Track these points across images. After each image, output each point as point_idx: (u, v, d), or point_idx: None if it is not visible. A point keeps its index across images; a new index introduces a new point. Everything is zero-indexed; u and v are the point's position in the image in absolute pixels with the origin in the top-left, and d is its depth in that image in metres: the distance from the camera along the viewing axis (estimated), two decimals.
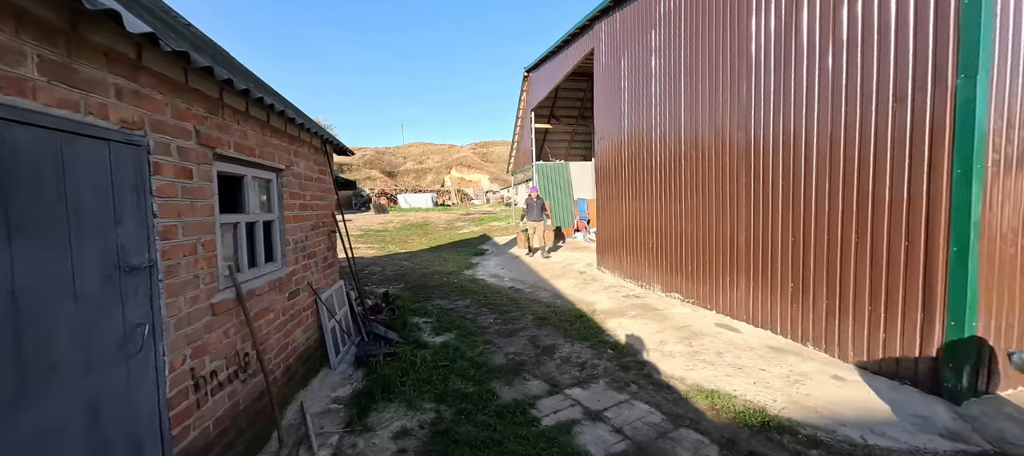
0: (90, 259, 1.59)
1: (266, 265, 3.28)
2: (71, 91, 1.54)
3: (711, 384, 3.67)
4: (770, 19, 4.50)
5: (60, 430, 1.47)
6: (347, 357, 4.48)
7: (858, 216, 3.68)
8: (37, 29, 1.42)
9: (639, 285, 7.45)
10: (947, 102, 3.02)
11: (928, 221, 3.17)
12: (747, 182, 4.91)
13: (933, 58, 3.10)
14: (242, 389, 2.71)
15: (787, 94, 4.32)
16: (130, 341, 1.78)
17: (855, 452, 2.66)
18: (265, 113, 3.11)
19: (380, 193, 36.14)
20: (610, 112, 8.31)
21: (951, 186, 3.02)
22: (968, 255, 2.96)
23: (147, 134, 1.91)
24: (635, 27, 7.21)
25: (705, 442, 2.85)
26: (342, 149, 5.19)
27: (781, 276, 4.52)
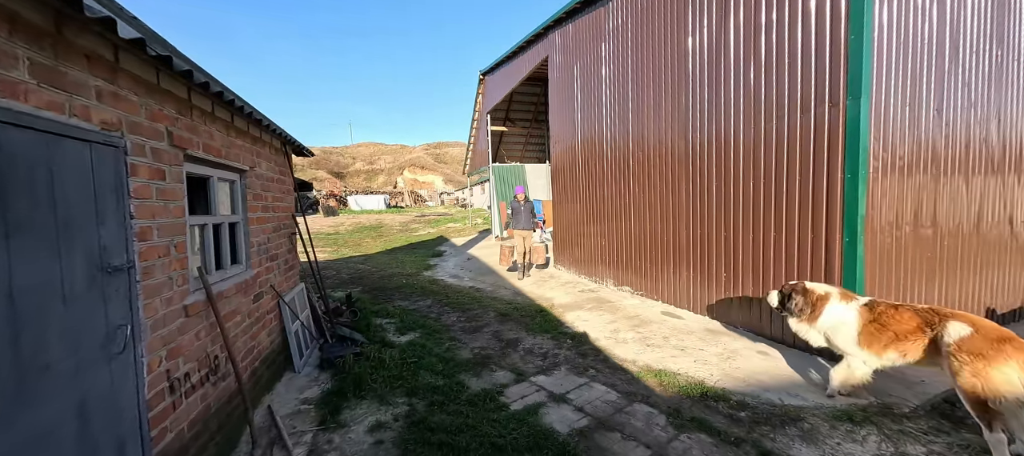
0: (77, 260, 1.60)
1: (232, 267, 3.24)
2: (58, 93, 1.56)
3: (659, 364, 4.11)
4: (703, 38, 5.09)
5: (53, 431, 1.48)
6: (311, 360, 4.44)
7: (776, 213, 4.30)
8: (28, 32, 1.43)
9: (593, 280, 7.93)
10: (840, 117, 3.66)
11: (827, 217, 3.81)
12: (687, 184, 5.49)
13: (829, 81, 3.74)
14: (213, 392, 2.69)
15: (718, 105, 4.92)
16: (113, 342, 1.79)
17: (774, 411, 3.17)
18: (230, 113, 3.08)
19: (329, 195, 34.61)
20: (564, 117, 8.76)
21: (843, 187, 3.67)
22: (856, 245, 3.61)
23: (124, 135, 1.92)
24: (587, 38, 7.70)
25: (655, 413, 3.23)
26: (301, 150, 5.11)
27: (716, 268, 5.11)
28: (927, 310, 2.85)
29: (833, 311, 3.21)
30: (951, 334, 2.57)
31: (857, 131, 3.54)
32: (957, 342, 2.51)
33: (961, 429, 2.88)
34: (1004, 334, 2.46)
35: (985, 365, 2.35)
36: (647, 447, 2.81)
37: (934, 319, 2.75)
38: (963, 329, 2.54)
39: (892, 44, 3.71)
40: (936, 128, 4.05)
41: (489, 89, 15.65)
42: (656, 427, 3.04)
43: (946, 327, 2.62)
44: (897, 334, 2.89)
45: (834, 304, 3.21)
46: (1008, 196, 4.67)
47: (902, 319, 2.88)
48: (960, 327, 2.56)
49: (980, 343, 2.43)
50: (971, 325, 2.55)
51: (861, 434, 2.84)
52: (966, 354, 2.44)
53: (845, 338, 3.14)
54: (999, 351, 2.35)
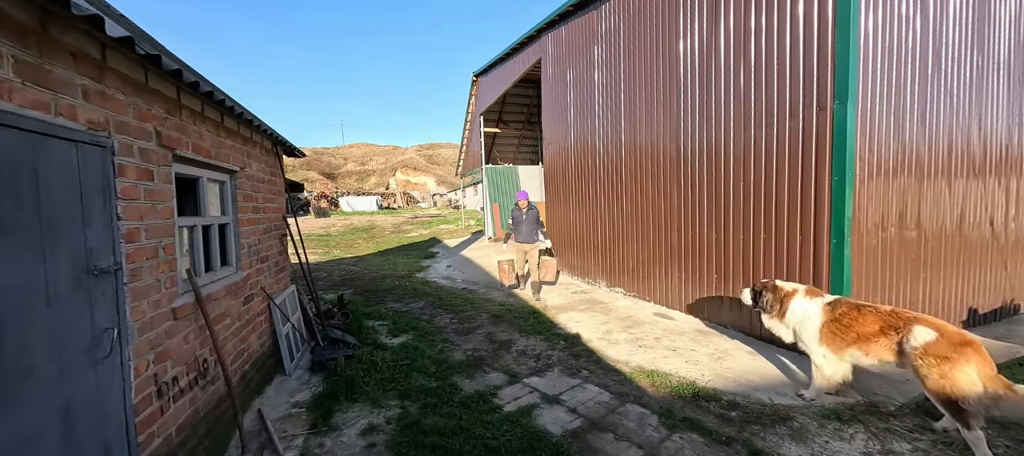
0: (62, 262, 1.57)
1: (222, 269, 3.19)
2: (43, 92, 1.52)
3: (651, 365, 4.13)
4: (694, 42, 5.15)
5: (36, 437, 1.45)
6: (302, 363, 4.40)
7: (766, 215, 4.36)
8: (12, 29, 1.40)
9: (586, 282, 7.96)
10: (827, 122, 3.73)
11: (816, 219, 3.88)
12: (678, 186, 5.54)
13: (817, 86, 3.80)
14: (202, 396, 2.65)
15: (709, 108, 4.98)
16: (98, 346, 1.75)
17: (764, 410, 3.21)
18: (219, 113, 3.04)
19: (320, 196, 34.30)
20: (557, 120, 8.79)
21: (831, 190, 3.73)
22: (844, 246, 3.68)
23: (111, 135, 1.88)
24: (580, 41, 7.74)
25: (647, 413, 3.25)
26: (292, 150, 5.06)
27: (707, 269, 5.17)
28: (890, 313, 2.93)
29: (798, 306, 3.35)
30: (917, 338, 2.64)
31: (844, 135, 3.60)
32: (923, 346, 2.60)
33: None
34: (966, 338, 2.58)
35: (951, 368, 2.47)
36: (640, 447, 2.82)
37: (897, 323, 2.83)
38: (929, 334, 2.62)
39: (877, 51, 3.79)
40: (920, 133, 4.15)
41: (482, 91, 15.66)
42: (648, 427, 3.05)
43: (912, 331, 2.69)
44: (860, 335, 2.97)
45: (799, 300, 3.35)
46: (989, 199, 4.79)
47: (865, 320, 2.96)
48: (925, 332, 2.64)
49: (945, 347, 2.54)
50: (936, 330, 2.63)
51: (849, 432, 2.89)
52: (932, 358, 2.54)
53: (808, 333, 3.25)
54: (962, 354, 2.48)
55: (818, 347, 3.21)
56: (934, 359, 2.53)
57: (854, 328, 2.99)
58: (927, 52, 4.13)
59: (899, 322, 2.82)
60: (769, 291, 3.52)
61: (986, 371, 2.44)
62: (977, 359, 2.46)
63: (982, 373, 2.43)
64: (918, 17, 4.04)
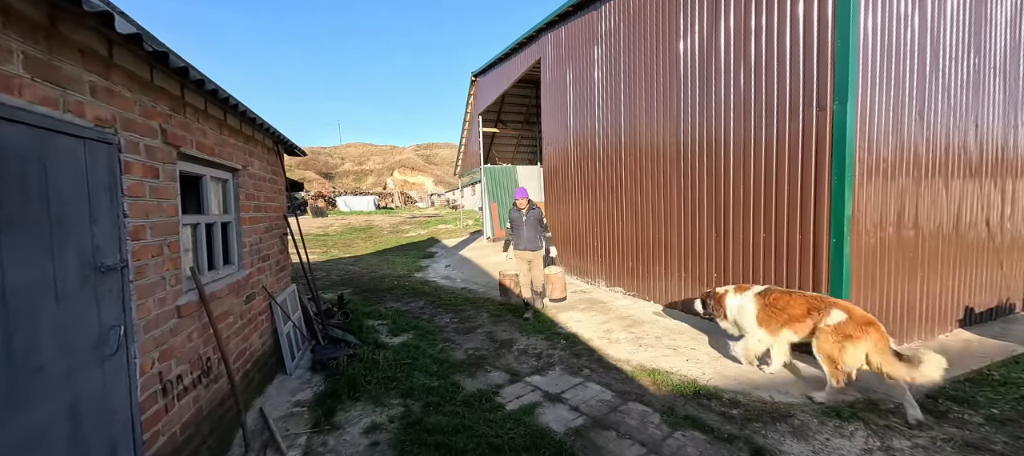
0: (70, 259, 1.57)
1: (224, 268, 3.19)
2: (52, 88, 1.52)
3: (652, 364, 4.15)
4: (694, 42, 5.18)
5: (45, 434, 1.45)
6: (303, 362, 4.39)
7: (765, 214, 4.39)
8: (22, 25, 1.40)
9: (586, 281, 7.98)
10: (827, 121, 3.76)
11: (815, 218, 3.91)
12: (678, 186, 5.57)
13: (817, 85, 3.84)
14: (205, 394, 2.65)
15: (709, 108, 5.01)
16: (105, 343, 1.75)
17: (765, 408, 3.23)
18: (222, 111, 3.04)
19: (317, 195, 34.18)
20: (557, 120, 8.81)
21: (831, 189, 3.76)
22: (843, 245, 3.71)
23: (118, 132, 1.88)
24: (579, 41, 7.76)
25: (649, 411, 3.27)
26: (293, 149, 5.05)
27: (707, 268, 5.19)
28: (814, 297, 3.43)
29: (732, 302, 3.87)
30: (832, 318, 3.16)
31: (843, 135, 3.63)
32: (835, 325, 3.12)
33: (943, 423, 2.98)
34: (870, 319, 3.09)
35: (847, 342, 3.05)
36: (642, 445, 2.84)
37: (820, 305, 3.31)
38: (841, 315, 3.15)
39: (877, 50, 3.83)
40: (918, 132, 4.19)
41: (481, 91, 15.66)
42: (651, 425, 3.07)
43: (829, 312, 3.22)
44: (790, 316, 3.45)
45: (731, 297, 3.89)
46: (985, 199, 4.84)
47: (795, 304, 3.46)
48: (839, 313, 3.17)
49: (851, 326, 3.06)
50: (847, 312, 3.15)
51: (849, 429, 2.92)
52: (838, 334, 3.09)
53: (748, 321, 3.73)
54: (862, 334, 3.00)
55: (757, 330, 3.67)
56: (840, 335, 3.09)
57: (786, 311, 3.48)
58: (925, 51, 4.17)
59: (822, 305, 3.31)
60: (710, 298, 4.08)
61: (879, 346, 2.96)
62: (875, 337, 2.98)
63: (875, 349, 2.96)
64: (916, 16, 4.08)
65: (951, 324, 4.70)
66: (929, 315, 4.48)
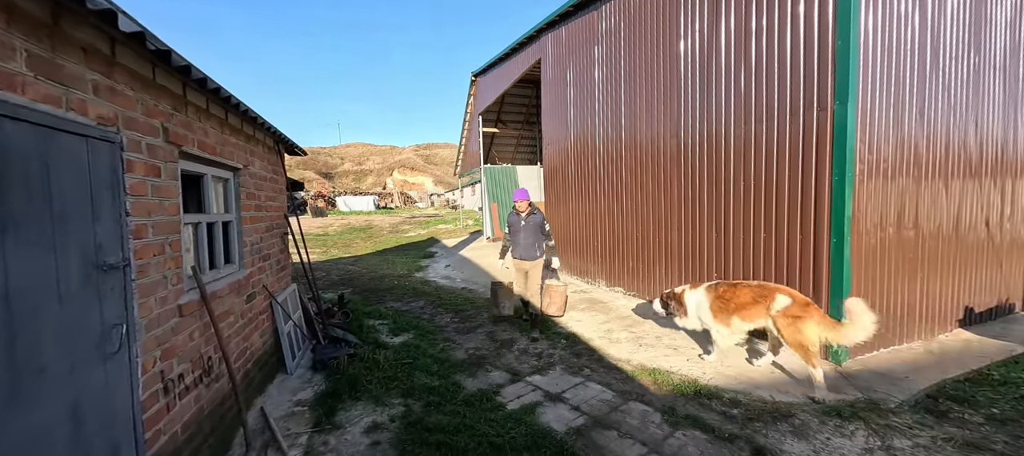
0: (73, 258, 1.57)
1: (225, 267, 3.19)
2: (55, 86, 1.52)
3: (653, 363, 4.16)
4: (695, 42, 5.18)
5: (47, 434, 1.44)
6: (303, 361, 4.39)
7: (766, 214, 4.39)
8: (26, 23, 1.40)
9: (586, 281, 7.98)
10: (828, 121, 3.76)
11: (815, 218, 3.91)
12: (679, 186, 5.57)
13: (818, 86, 3.84)
14: (206, 394, 2.65)
15: (709, 108, 5.01)
16: (107, 342, 1.75)
17: (766, 407, 3.23)
18: (224, 110, 3.04)
19: (317, 195, 34.15)
20: (557, 120, 8.81)
21: (831, 189, 3.77)
22: (844, 245, 3.71)
23: (120, 131, 1.88)
24: (580, 41, 7.76)
25: (650, 411, 3.27)
26: (293, 149, 5.04)
27: (707, 269, 5.19)
28: (758, 286, 3.72)
29: (689, 298, 4.08)
30: (778, 304, 3.48)
31: (844, 135, 3.64)
32: (782, 310, 3.45)
33: (944, 423, 2.99)
34: (808, 301, 3.48)
35: (801, 323, 3.36)
36: (643, 444, 2.84)
37: (764, 293, 3.62)
38: (786, 300, 3.47)
39: (877, 50, 3.83)
40: (918, 132, 4.19)
41: (481, 91, 15.66)
42: (652, 425, 3.07)
43: (774, 298, 3.51)
44: (738, 306, 3.71)
45: (688, 293, 4.12)
46: (984, 199, 4.85)
47: (741, 294, 3.72)
48: (783, 298, 3.48)
49: (796, 309, 3.40)
50: (790, 297, 3.49)
51: (850, 429, 2.92)
52: (789, 317, 3.41)
53: (706, 314, 3.95)
54: (806, 312, 3.37)
55: (713, 322, 3.89)
56: (790, 318, 3.40)
57: (734, 301, 3.72)
58: (925, 51, 4.18)
59: (766, 292, 3.60)
60: (671, 298, 4.25)
61: (821, 320, 3.33)
62: (816, 315, 3.35)
63: (819, 323, 3.32)
64: (916, 15, 4.08)
65: (951, 324, 4.71)
66: (929, 315, 4.49)
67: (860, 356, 4.01)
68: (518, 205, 5.13)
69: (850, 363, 3.89)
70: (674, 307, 4.21)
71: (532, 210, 5.15)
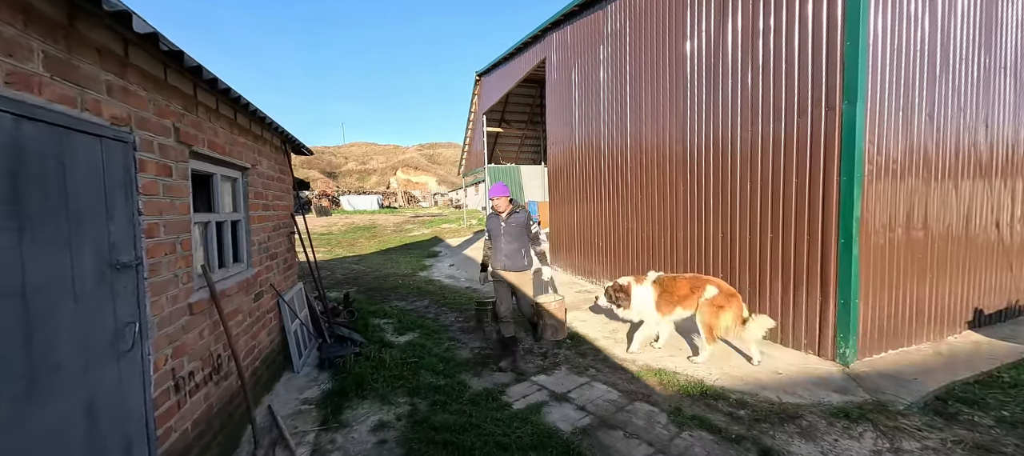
0: (87, 256, 1.59)
1: (234, 266, 3.21)
2: (71, 87, 1.54)
3: (658, 364, 4.14)
4: (702, 42, 5.16)
5: (63, 431, 1.46)
6: (310, 360, 4.41)
7: (773, 214, 4.37)
8: (42, 25, 1.42)
9: (590, 281, 7.97)
10: (836, 121, 3.74)
11: (823, 219, 3.89)
12: (684, 186, 5.55)
13: (826, 86, 3.82)
14: (216, 391, 2.67)
15: (716, 107, 4.99)
16: (121, 339, 1.77)
17: (773, 408, 3.22)
18: (233, 110, 3.06)
19: (321, 194, 34.28)
20: (562, 119, 8.81)
21: (839, 190, 3.75)
22: (852, 246, 3.69)
23: (133, 131, 1.90)
24: (585, 41, 7.75)
25: (656, 411, 3.27)
26: (300, 148, 5.07)
27: (713, 269, 5.17)
28: (693, 277, 4.14)
29: (637, 291, 4.25)
30: (707, 293, 3.91)
31: (853, 135, 3.62)
32: (709, 298, 3.89)
33: (953, 425, 2.96)
34: (733, 292, 3.95)
35: (720, 311, 3.82)
36: (650, 445, 2.84)
37: (698, 284, 4.01)
38: (713, 290, 3.92)
39: (886, 50, 3.81)
40: (928, 133, 4.16)
41: (485, 90, 15.67)
42: (658, 425, 3.07)
43: (705, 289, 3.94)
44: (678, 298, 4.07)
45: (635, 287, 4.28)
46: (995, 200, 4.80)
47: (679, 286, 4.08)
48: (712, 289, 3.93)
49: (720, 298, 3.86)
50: (717, 287, 3.93)
51: (858, 430, 2.90)
52: (712, 305, 3.86)
53: (649, 307, 4.20)
54: (728, 303, 3.82)
55: (655, 315, 4.21)
56: (714, 306, 3.86)
57: (675, 293, 4.08)
58: (935, 51, 4.15)
59: (699, 283, 4.01)
60: (617, 290, 4.35)
61: (737, 312, 3.83)
62: (735, 306, 3.84)
63: (735, 314, 3.83)
64: (927, 16, 4.05)
65: (960, 326, 4.67)
66: (938, 316, 4.45)
67: (868, 358, 3.99)
68: (496, 203, 4.18)
69: (857, 364, 3.87)
70: (620, 298, 4.32)
71: (514, 209, 4.28)
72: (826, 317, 3.94)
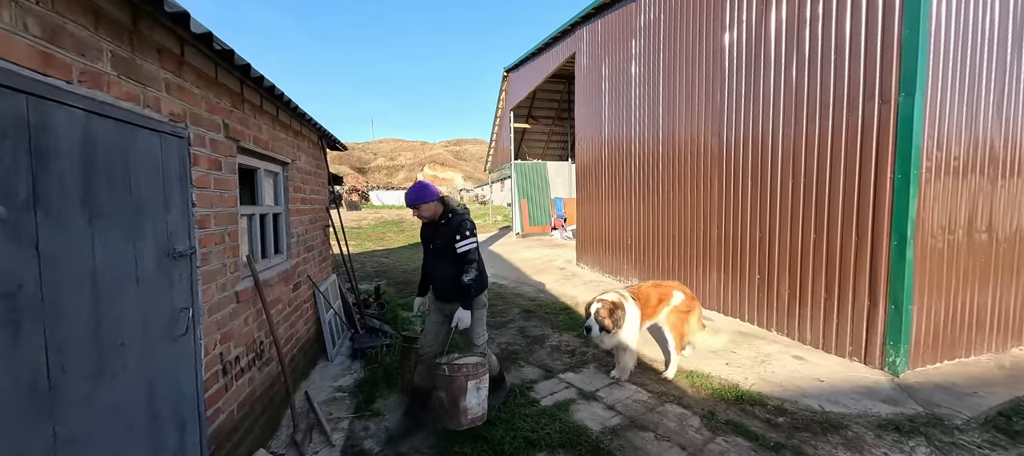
0: (148, 245, 1.69)
1: (274, 256, 3.35)
2: (135, 85, 1.64)
3: (690, 366, 4.03)
4: (742, 33, 4.95)
5: (126, 406, 1.57)
6: (342, 350, 4.56)
7: (817, 213, 4.15)
8: (110, 27, 1.51)
9: (617, 279, 7.85)
10: (891, 115, 3.50)
11: (874, 219, 3.66)
12: (720, 182, 5.36)
13: (880, 77, 3.58)
14: (259, 376, 2.80)
15: (756, 102, 4.78)
16: (176, 324, 1.87)
17: (815, 417, 3.07)
18: (276, 107, 3.18)
19: (351, 189, 35.31)
20: (591, 115, 8.68)
21: (893, 188, 3.51)
22: (906, 249, 3.46)
23: (188, 126, 2.00)
24: (616, 35, 7.59)
25: (688, 414, 3.18)
26: (335, 144, 5.22)
27: (749, 269, 4.98)
28: (655, 285, 3.95)
29: (631, 311, 3.67)
30: (675, 300, 3.83)
31: (909, 129, 3.38)
32: (677, 304, 3.82)
33: (1018, 443, 2.74)
34: (693, 296, 3.93)
35: (687, 315, 3.79)
36: (682, 448, 2.77)
37: (665, 292, 3.89)
38: (680, 296, 3.86)
39: (950, 37, 3.53)
40: (995, 127, 3.83)
41: (513, 86, 15.64)
42: (690, 429, 2.99)
43: (673, 296, 3.85)
44: (653, 308, 3.83)
45: (628, 304, 3.68)
46: None
47: (652, 295, 3.86)
48: (679, 294, 3.86)
49: (685, 304, 3.83)
50: (682, 293, 3.88)
51: (909, 445, 2.73)
52: (679, 312, 3.79)
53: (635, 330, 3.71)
54: (690, 308, 3.82)
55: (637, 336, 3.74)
56: (681, 312, 3.79)
57: (650, 304, 3.83)
58: (1006, 38, 3.80)
59: (666, 291, 3.88)
60: (613, 310, 3.55)
61: (698, 316, 3.88)
62: (696, 310, 3.86)
63: (698, 316, 3.87)
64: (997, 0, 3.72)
65: None
66: (1002, 326, 4.12)
67: (921, 368, 3.74)
68: (420, 210, 2.91)
69: (908, 374, 3.64)
70: (619, 319, 3.52)
71: (449, 215, 2.96)
72: (874, 323, 3.72)
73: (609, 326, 3.49)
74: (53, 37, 1.28)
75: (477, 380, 2.75)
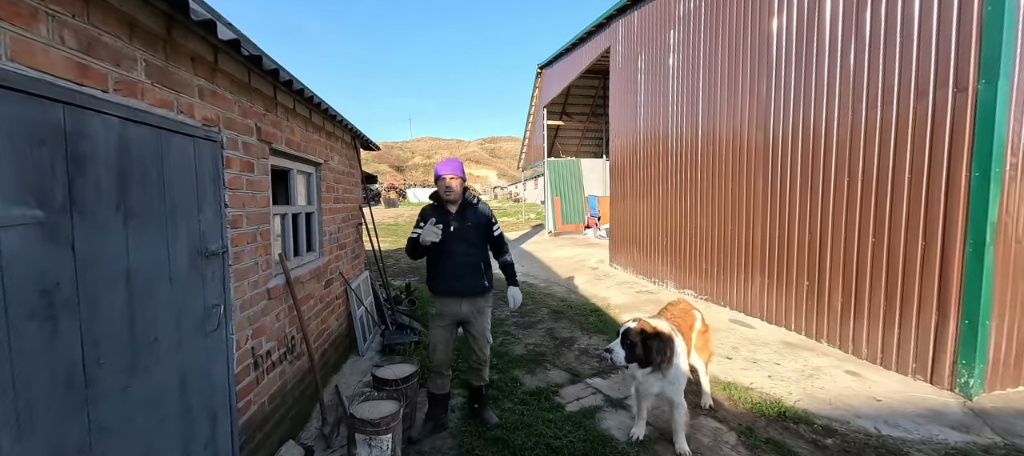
0: (181, 244, 1.77)
1: (306, 254, 3.46)
2: (168, 92, 1.71)
3: (727, 376, 3.80)
4: (792, 18, 4.58)
5: (160, 398, 1.65)
6: (373, 345, 4.67)
7: (875, 215, 3.77)
8: (144, 36, 1.58)
9: (652, 281, 7.56)
10: (967, 106, 3.10)
11: (945, 222, 3.26)
12: (765, 180, 5.01)
13: (955, 61, 3.17)
14: (289, 370, 2.90)
15: (807, 92, 4.41)
16: (209, 320, 1.96)
17: (869, 441, 2.78)
18: (308, 110, 3.28)
19: (389, 187, 36.43)
20: (626, 110, 8.40)
21: (969, 188, 3.11)
22: (984, 256, 3.06)
23: (221, 131, 2.08)
24: (653, 26, 7.28)
25: (723, 429, 2.98)
26: (368, 144, 5.35)
27: (797, 274, 4.62)
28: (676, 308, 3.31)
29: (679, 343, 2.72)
30: (698, 322, 3.35)
31: (991, 121, 2.97)
32: (701, 328, 3.36)
33: None
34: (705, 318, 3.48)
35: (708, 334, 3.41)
36: None
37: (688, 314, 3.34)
38: (699, 315, 3.40)
39: None
40: None
41: (547, 82, 15.47)
42: (726, 445, 2.80)
43: (695, 318, 3.34)
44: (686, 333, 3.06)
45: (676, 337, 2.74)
46: None
47: (682, 321, 3.19)
48: (697, 314, 3.39)
49: (704, 325, 3.41)
50: (700, 314, 3.44)
51: None
52: (703, 333, 3.34)
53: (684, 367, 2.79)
54: (707, 328, 3.41)
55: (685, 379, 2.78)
56: (703, 333, 3.35)
57: (682, 330, 3.02)
58: None
59: (688, 314, 3.32)
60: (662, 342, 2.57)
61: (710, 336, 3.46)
62: (709, 332, 3.47)
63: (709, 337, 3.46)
64: None
65: None
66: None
67: (998, 391, 3.31)
68: (448, 183, 2.78)
69: (983, 398, 3.22)
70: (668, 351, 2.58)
71: (470, 203, 2.90)
72: (943, 338, 3.32)
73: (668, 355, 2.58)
74: (89, 48, 1.35)
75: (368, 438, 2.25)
